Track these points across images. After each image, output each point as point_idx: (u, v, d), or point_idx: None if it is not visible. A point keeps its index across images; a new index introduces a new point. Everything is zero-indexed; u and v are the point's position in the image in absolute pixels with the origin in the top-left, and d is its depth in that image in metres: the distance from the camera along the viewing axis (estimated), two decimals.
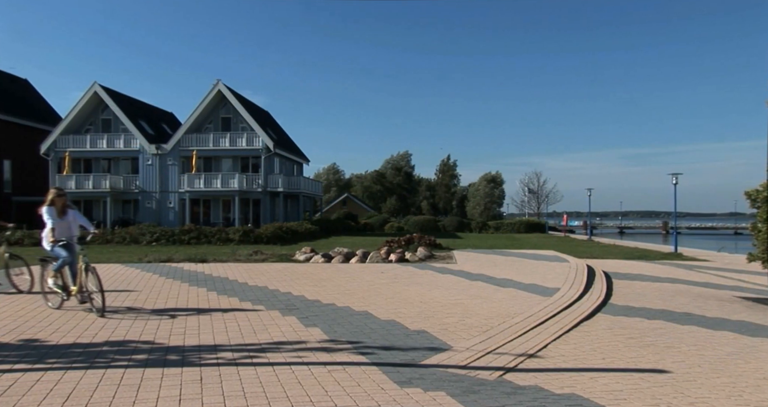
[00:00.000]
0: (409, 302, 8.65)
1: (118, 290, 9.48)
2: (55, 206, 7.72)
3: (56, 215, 7.69)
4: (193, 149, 36.09)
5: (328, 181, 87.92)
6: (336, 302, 8.50)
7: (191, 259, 15.29)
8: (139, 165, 37.08)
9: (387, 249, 16.69)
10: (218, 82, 37.02)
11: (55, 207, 7.72)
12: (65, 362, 5.06)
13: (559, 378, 4.90)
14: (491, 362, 5.35)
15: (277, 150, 37.27)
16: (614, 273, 12.91)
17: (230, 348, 5.68)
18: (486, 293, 9.54)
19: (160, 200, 36.67)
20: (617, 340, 6.42)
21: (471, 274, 12.34)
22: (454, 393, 4.30)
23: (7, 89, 40.51)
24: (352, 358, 5.34)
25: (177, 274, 12.12)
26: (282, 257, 16.07)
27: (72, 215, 7.93)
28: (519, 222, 47.17)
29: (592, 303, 8.70)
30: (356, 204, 72.23)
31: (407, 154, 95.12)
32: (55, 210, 7.72)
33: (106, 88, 37.27)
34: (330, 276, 11.86)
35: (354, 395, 4.23)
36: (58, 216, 7.71)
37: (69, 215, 7.87)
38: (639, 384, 4.76)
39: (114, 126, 37.65)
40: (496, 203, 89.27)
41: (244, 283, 10.69)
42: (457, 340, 6.15)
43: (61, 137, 36.60)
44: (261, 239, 25.15)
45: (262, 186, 36.40)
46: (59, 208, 7.77)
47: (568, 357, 5.68)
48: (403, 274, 12.35)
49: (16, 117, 38.47)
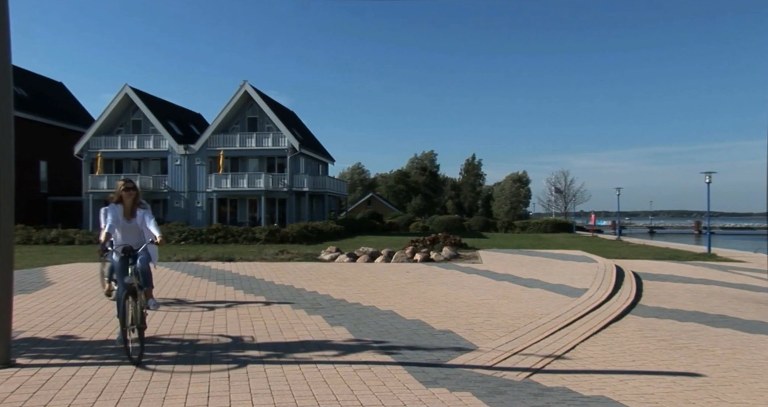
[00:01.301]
0: (435, 301, 8.62)
1: None
2: (123, 203, 6.01)
3: (120, 216, 5.99)
4: (220, 150, 36.61)
5: (353, 180, 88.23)
6: (361, 302, 8.51)
7: (219, 258, 15.51)
8: (168, 165, 37.76)
9: (412, 249, 16.66)
10: (245, 83, 37.47)
11: (122, 205, 6.02)
12: (98, 358, 5.18)
13: (587, 380, 4.82)
14: (518, 363, 5.29)
15: (302, 150, 37.55)
16: (644, 274, 12.65)
17: (257, 346, 5.73)
18: (512, 294, 9.45)
19: (188, 199, 37.28)
20: (648, 342, 6.28)
21: (497, 274, 12.24)
22: (480, 394, 4.26)
23: (43, 93, 41.73)
24: (377, 357, 5.34)
25: (205, 273, 12.31)
26: (307, 257, 16.18)
27: (141, 216, 6.09)
28: (545, 222, 46.59)
29: (621, 304, 8.54)
30: (381, 204, 72.32)
31: (432, 153, 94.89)
32: (122, 209, 6.02)
33: (136, 89, 38.05)
34: (355, 276, 11.89)
35: (379, 394, 4.23)
36: (123, 217, 6.01)
37: (138, 216, 6.07)
38: (671, 388, 4.65)
39: (144, 127, 38.42)
40: (522, 203, 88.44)
41: (270, 282, 10.79)
42: (483, 340, 6.09)
43: (93, 138, 37.51)
44: (287, 239, 25.38)
45: (288, 186, 36.71)
46: (128, 207, 6.04)
47: (596, 358, 5.58)
48: (429, 274, 12.31)
49: (52, 119, 39.60)
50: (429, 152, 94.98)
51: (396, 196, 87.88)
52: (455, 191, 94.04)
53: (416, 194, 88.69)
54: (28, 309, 7.60)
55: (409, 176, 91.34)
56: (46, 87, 43.19)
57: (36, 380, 4.48)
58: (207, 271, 12.62)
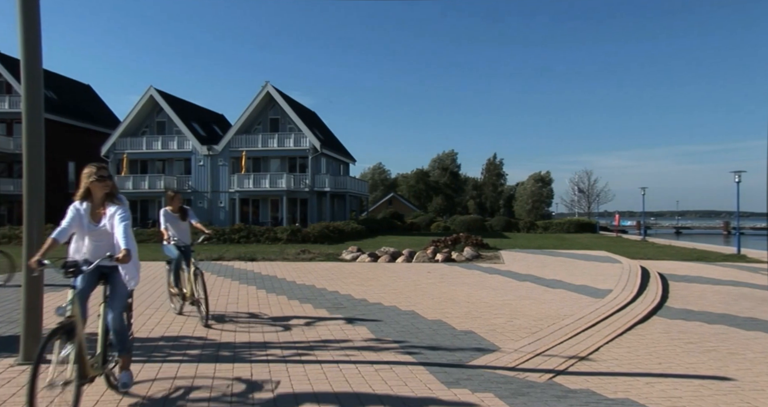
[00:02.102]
0: (456, 302, 8.58)
1: None
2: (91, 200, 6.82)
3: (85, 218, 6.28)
4: (242, 150, 36.99)
5: (374, 180, 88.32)
6: (382, 302, 8.51)
7: (241, 257, 15.67)
8: (192, 166, 38.30)
9: (433, 249, 16.61)
10: (267, 84, 37.79)
11: (89, 202, 6.79)
12: None
13: (612, 382, 4.74)
14: (541, 364, 5.23)
15: (323, 150, 37.73)
16: (670, 275, 12.41)
17: (279, 345, 5.77)
18: (535, 294, 9.35)
19: (211, 199, 37.76)
20: (675, 344, 6.16)
21: (519, 274, 12.13)
22: (502, 395, 4.23)
23: (71, 95, 42.72)
24: (398, 358, 5.33)
25: (228, 272, 12.44)
26: (329, 256, 16.25)
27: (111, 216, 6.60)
28: (568, 222, 45.96)
29: (646, 306, 8.39)
30: (402, 204, 72.25)
31: (453, 153, 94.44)
32: (88, 208, 6.43)
33: (161, 91, 38.67)
34: (376, 276, 11.90)
35: (401, 394, 4.22)
36: (90, 218, 6.02)
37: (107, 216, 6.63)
38: (700, 392, 4.55)
39: (168, 128, 39.03)
40: (545, 203, 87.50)
41: (292, 281, 10.86)
42: (505, 341, 6.04)
43: (119, 139, 38.23)
44: (308, 239, 25.52)
45: (310, 186, 36.92)
46: (97, 203, 6.51)
47: (621, 360, 5.49)
48: (450, 274, 12.26)
49: (80, 121, 40.56)
50: (450, 152, 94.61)
51: (417, 196, 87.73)
52: (477, 191, 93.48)
53: (437, 194, 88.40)
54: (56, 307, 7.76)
55: (430, 176, 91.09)
56: (74, 89, 44.22)
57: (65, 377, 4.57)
58: (230, 270, 12.76)
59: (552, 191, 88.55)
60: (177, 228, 7.26)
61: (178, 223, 7.27)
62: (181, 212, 7.29)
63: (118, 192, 4.28)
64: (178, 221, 7.26)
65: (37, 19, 5.13)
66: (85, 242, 4.08)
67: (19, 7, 5.05)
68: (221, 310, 7.75)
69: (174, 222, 7.25)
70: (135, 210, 38.77)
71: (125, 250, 3.75)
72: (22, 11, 5.05)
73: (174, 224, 7.26)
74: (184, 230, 7.31)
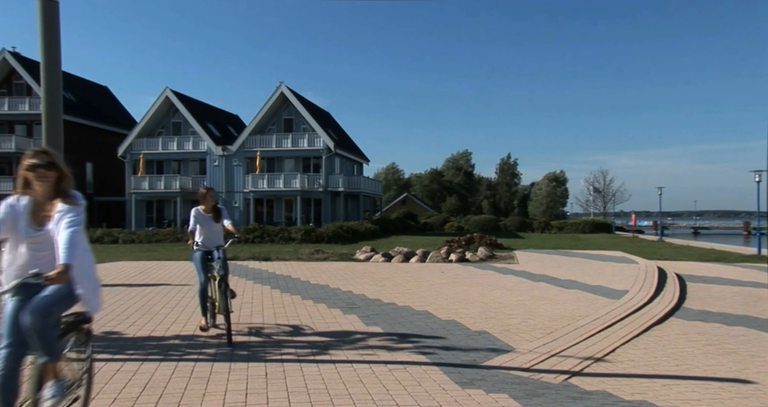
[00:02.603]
0: (470, 302, 8.55)
1: (189, 285, 9.89)
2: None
3: (22, 220, 4.52)
4: (257, 150, 37.21)
5: (387, 180, 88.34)
6: (396, 302, 8.51)
7: (255, 257, 15.77)
8: (207, 166, 38.60)
9: (447, 249, 16.57)
10: (281, 84, 37.97)
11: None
12: (142, 354, 5.33)
13: (629, 384, 4.70)
14: (556, 365, 5.19)
15: (337, 150, 37.82)
16: (688, 276, 12.25)
17: (293, 344, 5.80)
18: (549, 295, 9.29)
19: (226, 199, 38.02)
20: (693, 346, 6.08)
21: (534, 275, 12.05)
22: (517, 396, 4.20)
23: (89, 96, 43.34)
24: (412, 358, 5.33)
25: (242, 272, 12.53)
26: (343, 256, 16.28)
27: (59, 219, 4.51)
28: (584, 222, 45.58)
29: (664, 307, 8.29)
30: (416, 204, 72.18)
31: (467, 153, 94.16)
32: (28, 207, 4.69)
33: (176, 92, 39.04)
34: (390, 275, 11.90)
35: (415, 394, 4.22)
36: (30, 220, 4.51)
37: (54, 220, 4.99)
38: (719, 395, 4.48)
39: (183, 129, 39.39)
40: (559, 203, 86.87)
41: (306, 281, 10.90)
42: (519, 342, 6.01)
43: (135, 140, 38.65)
44: (322, 239, 25.59)
45: (323, 186, 37.03)
46: (40, 202, 4.65)
47: (638, 362, 5.43)
48: (464, 274, 12.22)
49: (97, 122, 41.14)
50: (464, 152, 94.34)
51: (431, 196, 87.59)
52: (491, 191, 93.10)
53: (451, 194, 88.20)
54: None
55: (444, 176, 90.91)
56: (91, 91, 44.84)
57: None
58: (244, 270, 12.84)
59: (567, 191, 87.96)
60: (209, 230, 6.41)
61: (211, 225, 6.41)
62: (214, 212, 6.43)
63: (72, 188, 3.21)
64: (210, 223, 6.41)
65: (57, 23, 5.21)
66: (20, 251, 3.09)
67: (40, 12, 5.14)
68: (235, 311, 7.79)
69: (206, 224, 6.40)
70: (151, 210, 39.21)
71: (62, 265, 2.80)
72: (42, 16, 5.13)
73: (206, 225, 6.41)
74: (217, 232, 6.44)
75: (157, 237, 26.39)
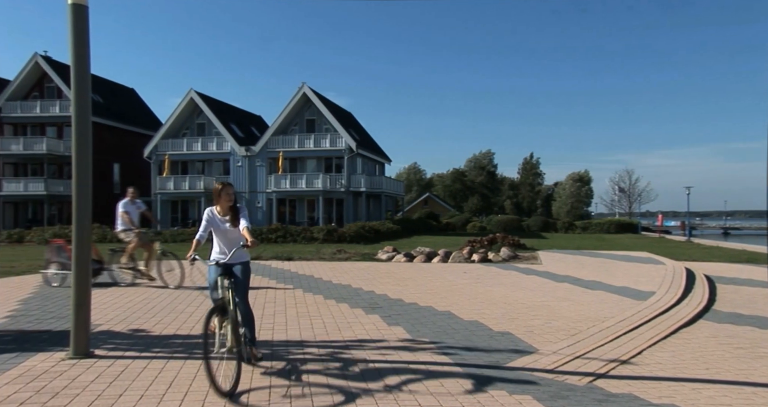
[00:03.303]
0: (493, 302, 8.49)
1: None
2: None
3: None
4: (279, 151, 37.53)
5: (409, 180, 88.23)
6: (418, 302, 8.50)
7: (278, 257, 15.90)
8: (230, 166, 39.08)
9: (469, 249, 16.48)
10: (303, 85, 38.23)
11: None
12: (168, 352, 5.42)
13: (656, 387, 4.61)
14: (580, 367, 5.13)
15: (359, 150, 37.92)
16: (718, 277, 11.97)
17: (316, 344, 5.83)
18: (573, 296, 9.17)
19: (249, 200, 38.43)
20: (723, 350, 5.94)
21: (557, 275, 11.92)
22: (541, 398, 4.16)
23: (117, 98, 44.24)
24: (434, 358, 5.31)
25: (265, 271, 12.64)
26: (365, 256, 16.32)
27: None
28: (608, 222, 44.87)
29: (692, 309, 8.12)
30: (438, 204, 71.97)
31: (490, 152, 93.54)
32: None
33: (201, 94, 39.60)
34: (412, 275, 11.89)
35: (437, 395, 4.21)
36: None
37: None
38: (752, 400, 4.37)
39: (207, 130, 39.95)
40: (584, 203, 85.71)
41: (328, 281, 10.95)
42: (543, 343, 5.95)
43: (161, 141, 39.33)
44: (344, 238, 25.69)
45: (345, 186, 37.16)
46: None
47: (665, 365, 5.32)
48: (486, 274, 12.14)
49: (124, 124, 42.00)
50: (486, 152, 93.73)
51: (453, 196, 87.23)
52: (513, 191, 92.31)
53: (473, 193, 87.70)
54: (104, 304, 8.06)
55: (467, 176, 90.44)
56: (118, 93, 45.77)
57: (112, 371, 4.75)
58: (267, 270, 12.95)
59: (591, 191, 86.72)
60: (223, 238, 4.95)
61: (226, 231, 4.91)
62: (232, 213, 4.90)
63: None
64: (226, 228, 4.90)
65: (87, 28, 5.33)
66: None
67: (70, 17, 5.26)
68: (258, 310, 7.87)
69: (219, 229, 4.92)
70: (176, 210, 39.83)
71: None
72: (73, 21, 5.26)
73: (220, 231, 4.92)
74: (234, 240, 4.91)
75: (182, 237, 26.81)
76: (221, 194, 4.94)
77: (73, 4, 5.24)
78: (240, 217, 4.89)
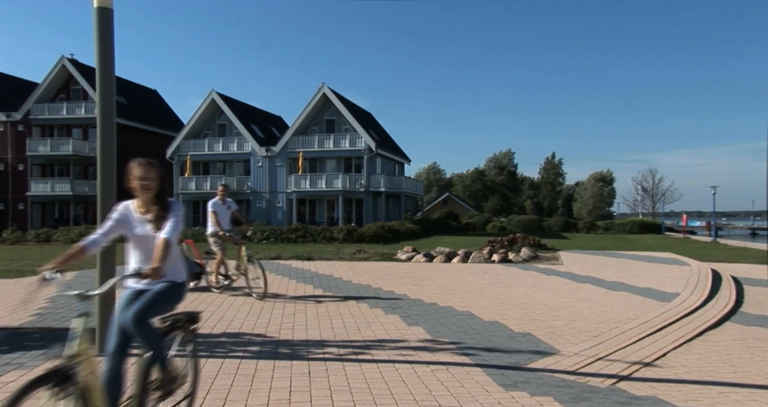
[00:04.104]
0: (513, 303, 8.42)
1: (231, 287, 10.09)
2: None
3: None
4: (299, 151, 37.75)
5: (428, 180, 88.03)
6: (438, 302, 8.47)
7: (298, 257, 15.99)
8: (251, 167, 39.43)
9: (489, 249, 16.38)
10: (323, 85, 38.40)
11: None
12: None
13: (681, 390, 4.52)
14: (603, 369, 5.05)
15: (379, 151, 37.95)
16: (745, 279, 11.70)
17: (336, 344, 5.85)
18: (595, 297, 9.05)
19: (269, 200, 38.73)
20: (752, 353, 5.80)
21: (579, 276, 11.77)
22: (562, 400, 4.11)
23: (140, 100, 44.99)
24: (455, 358, 5.29)
25: (285, 271, 12.72)
26: (384, 256, 16.32)
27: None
28: (631, 222, 44.20)
29: (719, 311, 7.95)
30: (457, 204, 71.65)
31: (510, 152, 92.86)
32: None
33: (222, 95, 40.03)
34: (432, 276, 11.85)
35: (458, 395, 4.19)
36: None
37: None
38: None
39: (228, 130, 40.36)
40: (606, 203, 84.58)
41: (348, 281, 10.98)
42: (564, 344, 5.88)
43: (183, 141, 39.85)
44: (364, 238, 25.73)
45: (365, 186, 37.22)
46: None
47: (691, 367, 5.22)
48: (507, 275, 12.05)
49: (147, 125, 42.66)
50: (507, 151, 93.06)
51: (473, 196, 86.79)
52: (534, 191, 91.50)
53: (493, 193, 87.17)
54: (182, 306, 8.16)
55: (487, 175, 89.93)
56: (141, 94, 46.54)
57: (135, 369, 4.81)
58: (287, 269, 13.04)
59: (614, 191, 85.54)
60: (143, 249, 3.47)
61: (146, 238, 3.50)
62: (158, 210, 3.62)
63: None
64: (145, 234, 3.50)
65: (111, 31, 5.42)
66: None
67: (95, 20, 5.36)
68: (279, 309, 7.93)
69: (136, 234, 3.45)
70: (197, 210, 40.29)
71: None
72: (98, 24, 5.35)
73: (137, 238, 3.43)
74: None
75: (204, 237, 27.13)
76: (135, 177, 3.35)
77: (99, 8, 5.34)
78: (167, 218, 3.31)
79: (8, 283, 10.61)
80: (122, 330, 3.19)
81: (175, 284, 3.39)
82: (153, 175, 3.36)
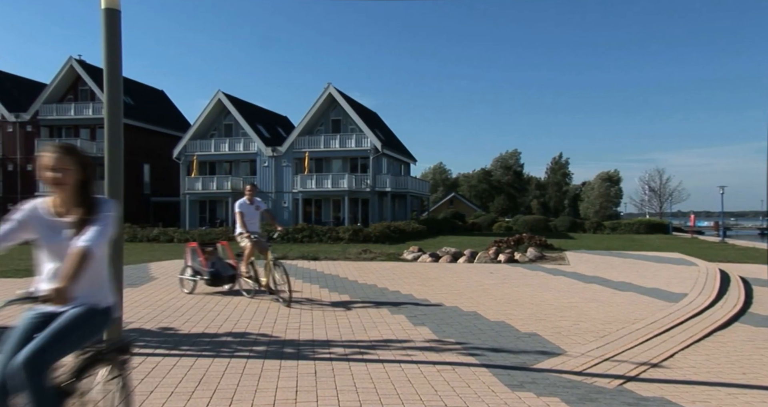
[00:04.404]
0: (520, 303, 8.40)
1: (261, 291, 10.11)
2: None
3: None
4: (305, 151, 37.81)
5: (434, 180, 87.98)
6: (444, 302, 8.46)
7: (304, 257, 16.02)
8: (257, 167, 39.53)
9: (495, 249, 16.35)
10: (329, 85, 38.45)
11: None
12: (196, 350, 5.50)
13: (689, 392, 4.49)
14: (610, 369, 5.03)
15: (384, 150, 37.96)
16: (754, 279, 11.61)
17: (342, 343, 5.85)
18: (602, 297, 9.01)
19: (275, 199, 38.80)
20: (761, 354, 5.75)
21: (585, 276, 11.73)
22: (569, 400, 4.09)
23: (147, 100, 45.20)
24: (461, 359, 5.28)
25: (291, 271, 12.71)
26: (390, 256, 16.32)
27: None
28: (638, 222, 43.97)
29: (727, 311, 7.89)
30: (463, 204, 71.55)
31: (516, 152, 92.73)
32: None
33: (228, 95, 40.16)
34: (438, 276, 11.84)
35: (464, 396, 4.18)
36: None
37: None
38: None
39: (235, 130, 40.49)
40: (613, 203, 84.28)
41: (354, 281, 10.98)
42: (571, 345, 5.86)
43: (189, 142, 40.00)
44: (370, 238, 25.74)
45: (371, 186, 37.23)
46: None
47: (699, 369, 5.19)
48: (513, 275, 12.02)
49: (154, 125, 42.86)
50: (513, 151, 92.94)
51: (479, 196, 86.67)
52: (540, 191, 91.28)
53: (499, 193, 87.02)
54: (135, 302, 8.23)
55: (493, 176, 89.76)
56: (148, 95, 46.77)
57: (143, 368, 4.84)
58: (294, 269, 13.05)
59: (621, 191, 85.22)
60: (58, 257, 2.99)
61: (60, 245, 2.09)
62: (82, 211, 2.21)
63: None
64: (60, 241, 2.83)
65: (119, 32, 5.45)
66: None
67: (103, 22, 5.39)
68: (285, 309, 7.93)
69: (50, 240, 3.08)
70: (204, 210, 40.48)
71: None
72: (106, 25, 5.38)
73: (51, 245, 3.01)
74: None
75: (210, 236, 27.21)
76: (43, 167, 2.69)
77: (106, 9, 5.37)
78: (92, 222, 2.61)
79: (7, 283, 10.69)
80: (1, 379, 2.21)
81: (95, 311, 2.52)
82: (68, 164, 2.60)
